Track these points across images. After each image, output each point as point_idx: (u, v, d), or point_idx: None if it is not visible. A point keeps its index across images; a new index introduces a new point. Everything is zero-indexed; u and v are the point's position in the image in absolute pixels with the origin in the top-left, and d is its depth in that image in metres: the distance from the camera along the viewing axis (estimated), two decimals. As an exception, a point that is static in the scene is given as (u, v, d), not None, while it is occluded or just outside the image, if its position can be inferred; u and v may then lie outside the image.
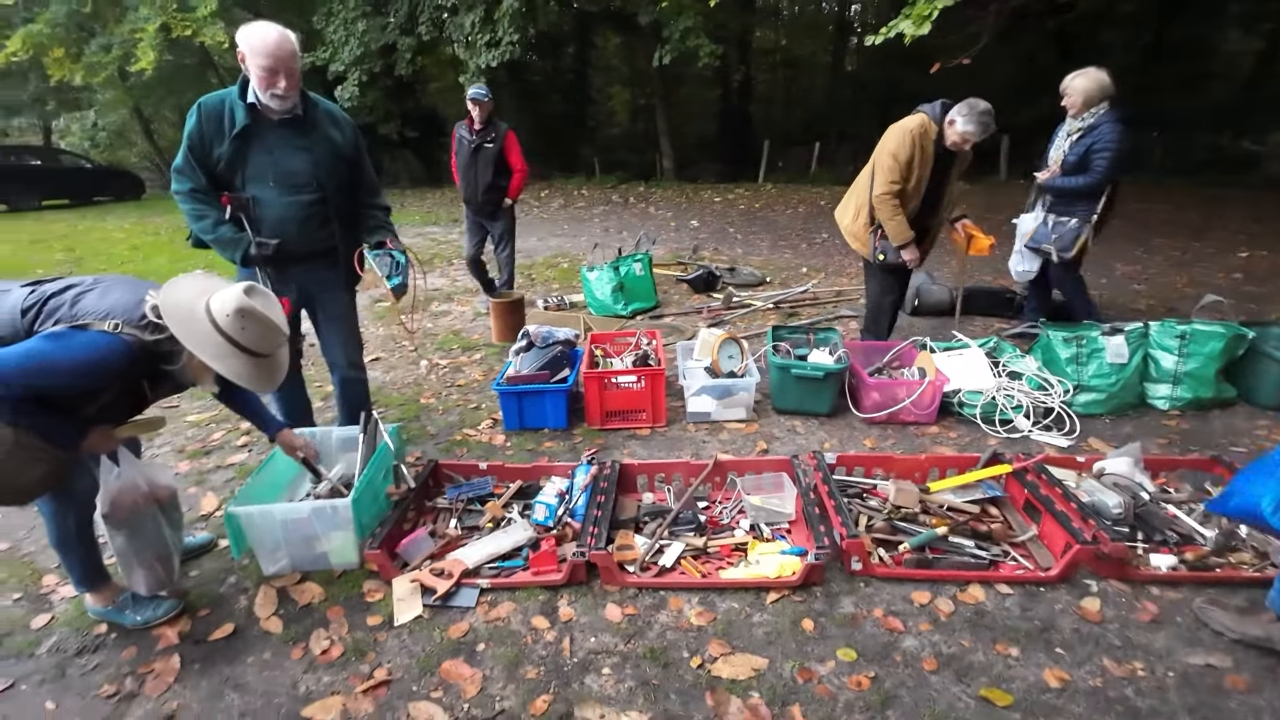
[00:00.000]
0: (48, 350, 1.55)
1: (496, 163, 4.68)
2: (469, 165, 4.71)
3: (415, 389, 3.83)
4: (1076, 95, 3.58)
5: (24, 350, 1.54)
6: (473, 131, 4.67)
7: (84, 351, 1.57)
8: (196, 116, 2.23)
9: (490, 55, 11.92)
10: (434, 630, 1.97)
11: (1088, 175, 3.56)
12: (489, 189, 4.75)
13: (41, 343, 1.55)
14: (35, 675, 1.85)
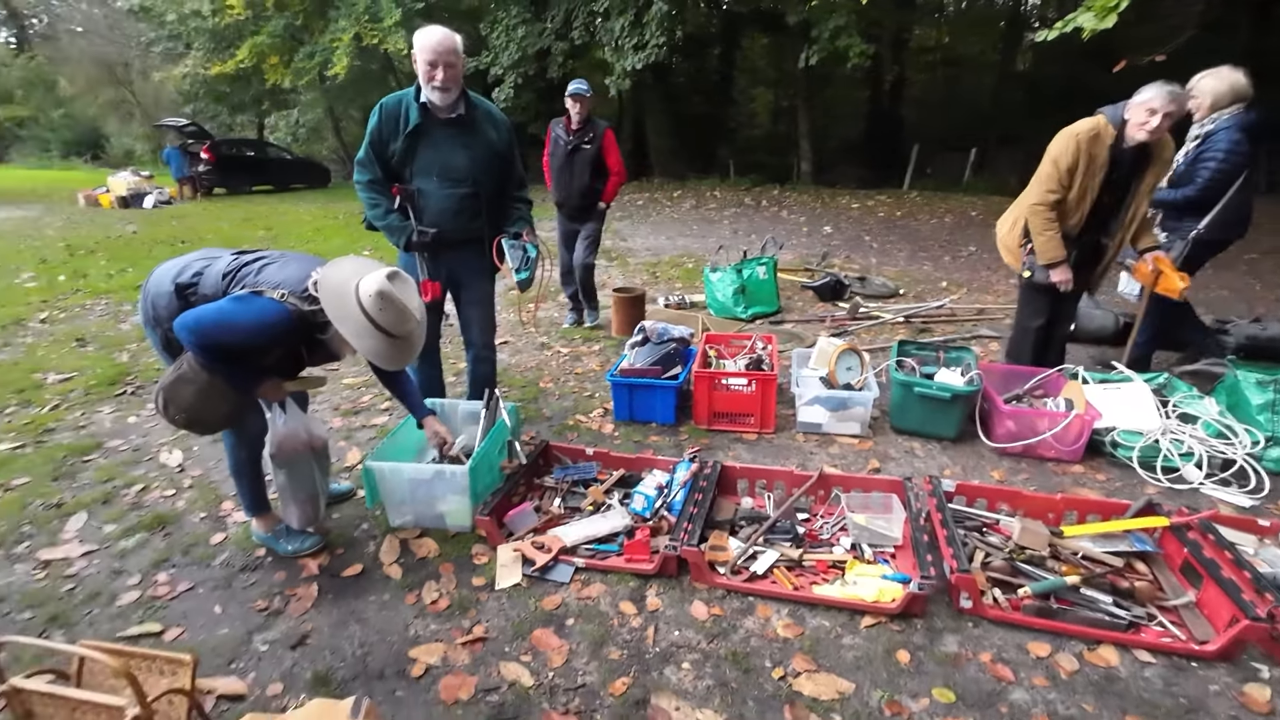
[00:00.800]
0: (231, 310, 1.84)
1: (594, 165, 4.38)
2: (564, 167, 4.43)
3: (536, 373, 4.06)
4: (1204, 97, 3.14)
5: (216, 308, 1.84)
6: (570, 131, 4.37)
7: (257, 314, 1.84)
8: (378, 115, 2.52)
9: (636, 58, 12.24)
10: (530, 599, 2.09)
11: (1188, 187, 3.14)
12: (585, 192, 4.46)
13: (228, 303, 1.85)
14: (209, 582, 2.20)
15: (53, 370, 4.16)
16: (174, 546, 2.38)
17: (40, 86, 31.47)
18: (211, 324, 1.79)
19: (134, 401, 3.70)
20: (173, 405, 1.90)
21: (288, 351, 2.02)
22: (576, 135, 4.35)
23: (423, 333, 2.08)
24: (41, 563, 2.29)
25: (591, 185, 4.45)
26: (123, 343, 4.75)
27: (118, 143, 29.90)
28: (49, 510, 2.61)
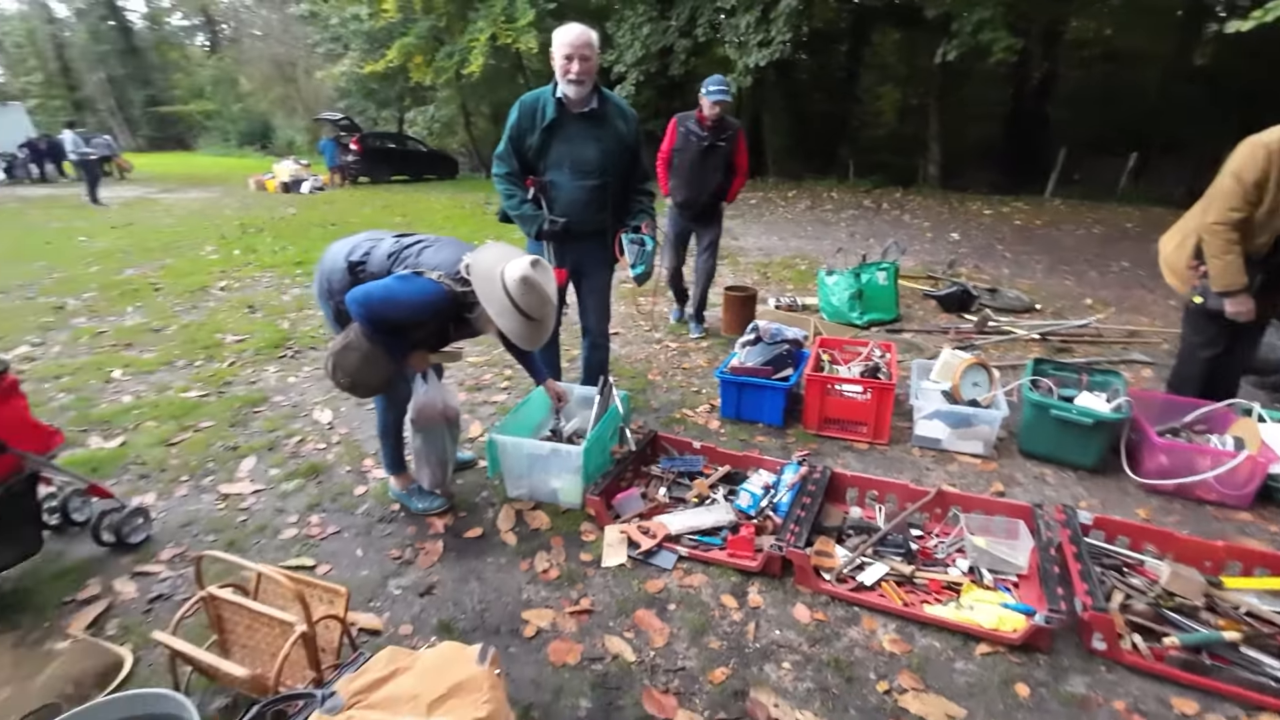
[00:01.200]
0: (396, 288, 2.04)
1: (726, 164, 4.24)
2: (696, 164, 4.18)
3: (645, 365, 4.15)
4: None
5: (383, 285, 2.05)
6: (704, 128, 4.10)
7: (418, 292, 2.03)
8: (518, 111, 2.69)
9: (760, 55, 12.07)
10: (633, 580, 2.16)
11: None
12: (715, 192, 4.30)
13: (395, 281, 2.05)
14: (353, 528, 2.46)
15: (230, 332, 4.78)
16: (325, 493, 2.68)
17: (225, 84, 35.91)
18: (379, 299, 2.00)
19: (293, 364, 4.17)
20: (339, 370, 2.14)
21: (438, 327, 2.21)
22: (712, 133, 4.12)
23: (555, 316, 2.20)
24: (222, 495, 2.66)
25: (723, 184, 4.30)
26: (284, 311, 5.36)
27: (282, 134, 33.48)
28: (227, 451, 3.02)
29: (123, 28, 41.14)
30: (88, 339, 4.63)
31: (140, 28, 42.53)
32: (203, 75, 38.41)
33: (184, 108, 38.52)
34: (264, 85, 32.45)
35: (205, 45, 41.92)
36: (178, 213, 11.87)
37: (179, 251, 7.97)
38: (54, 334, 4.74)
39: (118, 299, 5.73)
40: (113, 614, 2.03)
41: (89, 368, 4.04)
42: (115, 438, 3.13)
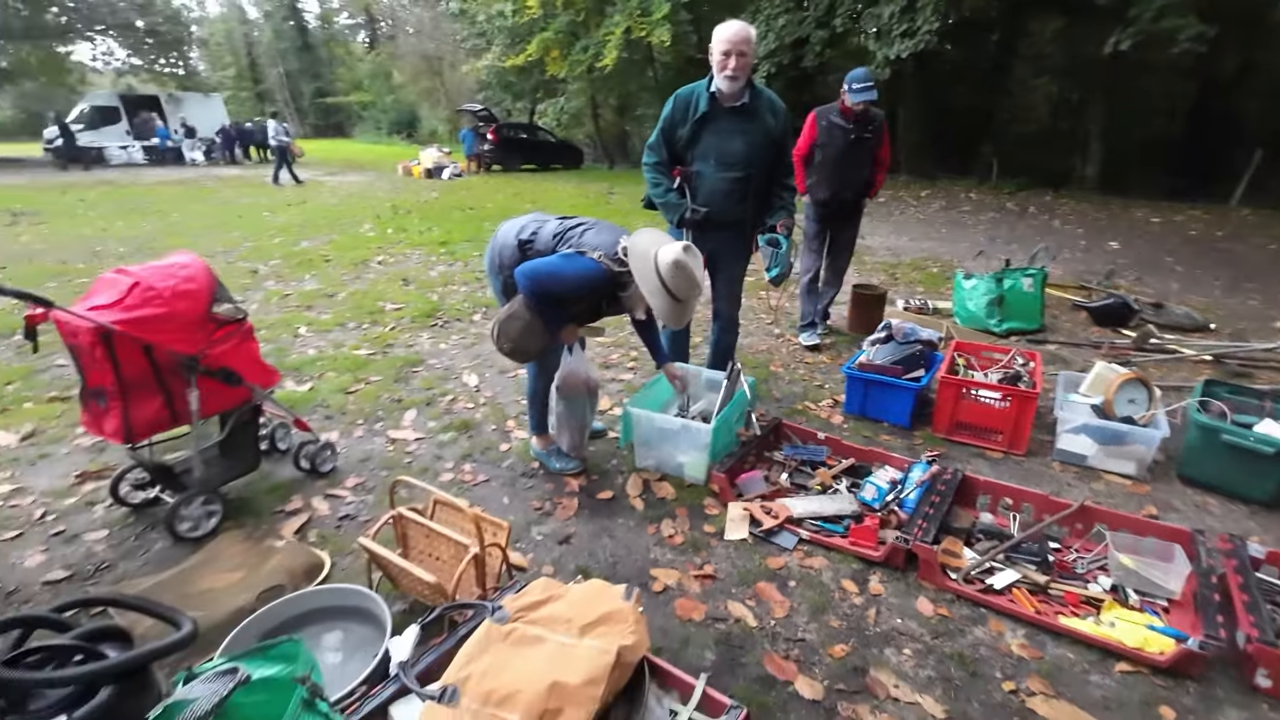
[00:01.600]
0: (562, 265, 2.26)
1: (872, 157, 4.10)
2: (842, 159, 4.00)
3: (767, 356, 4.21)
4: None
5: (549, 262, 2.27)
6: (850, 119, 3.91)
7: (581, 270, 2.24)
8: (672, 104, 2.83)
9: (902, 46, 11.53)
10: (755, 555, 2.27)
11: None
12: (861, 187, 4.17)
13: (560, 259, 2.27)
14: (499, 479, 2.75)
15: (389, 301, 5.35)
16: (475, 446, 2.99)
17: (380, 77, 39.37)
18: (546, 275, 2.23)
19: (442, 332, 4.62)
20: (503, 336, 2.39)
21: (593, 303, 2.42)
22: (857, 125, 3.93)
23: (698, 298, 2.34)
24: (390, 439, 3.05)
25: (867, 180, 4.16)
26: (432, 286, 5.91)
27: (426, 124, 36.23)
28: (393, 403, 3.44)
29: (300, 27, 46.21)
30: (277, 300, 5.38)
31: (314, 26, 47.57)
32: (362, 69, 42.36)
33: (344, 99, 42.68)
34: (413, 78, 35.21)
35: (366, 41, 46.13)
36: (340, 194, 13.27)
37: (342, 228, 8.95)
38: (251, 294, 5.55)
39: (297, 267, 6.56)
40: (312, 525, 2.42)
41: (280, 324, 4.71)
42: (305, 383, 3.65)
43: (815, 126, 4.08)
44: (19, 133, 31.76)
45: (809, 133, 4.10)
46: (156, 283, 2.19)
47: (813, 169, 4.15)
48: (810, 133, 4.10)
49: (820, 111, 4.10)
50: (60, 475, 2.74)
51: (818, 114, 4.09)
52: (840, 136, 3.97)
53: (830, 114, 4.01)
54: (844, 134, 3.96)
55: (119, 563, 2.22)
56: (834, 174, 4.07)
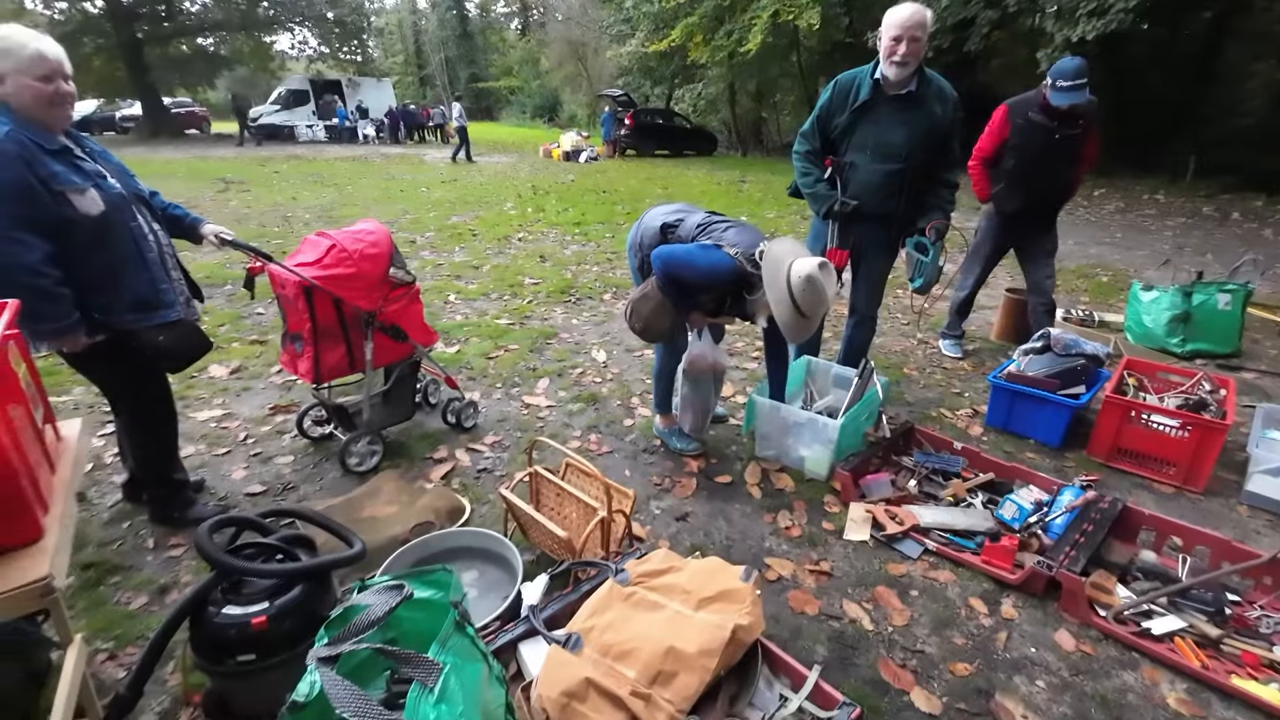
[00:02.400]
0: (697, 254, 2.30)
1: (1078, 154, 3.39)
2: (1042, 162, 3.33)
3: (901, 358, 4.01)
4: None
5: (686, 250, 2.32)
6: (1054, 116, 3.24)
7: (714, 262, 2.27)
8: (831, 90, 2.74)
9: (1089, 26, 10.29)
10: (875, 558, 2.20)
11: None
12: (1064, 191, 3.53)
13: (697, 249, 2.31)
14: (622, 451, 2.86)
15: (527, 275, 5.68)
16: (601, 418, 3.14)
17: (529, 63, 41.29)
18: (681, 261, 2.28)
19: (575, 309, 4.85)
20: (635, 315, 2.48)
21: (719, 297, 2.42)
22: (1063, 121, 3.23)
23: (823, 317, 2.26)
24: (525, 404, 3.27)
25: (1071, 183, 3.53)
26: (566, 264, 6.19)
27: (567, 108, 37.58)
28: (528, 371, 3.67)
29: (461, 15, 49.45)
30: (431, 268, 5.89)
31: (473, 15, 50.76)
32: (512, 56, 44.69)
33: (495, 84, 45.28)
34: (559, 64, 36.56)
35: (518, 29, 48.52)
36: (487, 173, 14.17)
37: (487, 206, 9.57)
38: (410, 260, 6.10)
39: (449, 239, 7.13)
40: (455, 474, 2.67)
41: (433, 290, 5.16)
42: (453, 346, 4.00)
43: (1007, 124, 3.40)
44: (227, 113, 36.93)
45: (998, 131, 3.45)
46: (349, 245, 2.50)
47: (1000, 174, 3.51)
48: (1000, 131, 3.44)
49: (1014, 106, 3.40)
50: (259, 406, 3.21)
51: (1011, 109, 3.41)
52: (1041, 136, 3.29)
53: (1029, 109, 3.32)
54: (1046, 133, 3.28)
55: (301, 485, 2.58)
56: (1031, 181, 3.42)
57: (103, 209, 1.89)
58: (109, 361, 2.02)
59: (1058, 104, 3.17)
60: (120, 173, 2.04)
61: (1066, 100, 3.14)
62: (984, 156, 3.54)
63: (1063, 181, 3.47)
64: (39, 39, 1.79)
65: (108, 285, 1.95)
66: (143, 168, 13.62)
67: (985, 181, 3.60)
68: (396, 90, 34.17)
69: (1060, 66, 3.17)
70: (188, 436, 2.82)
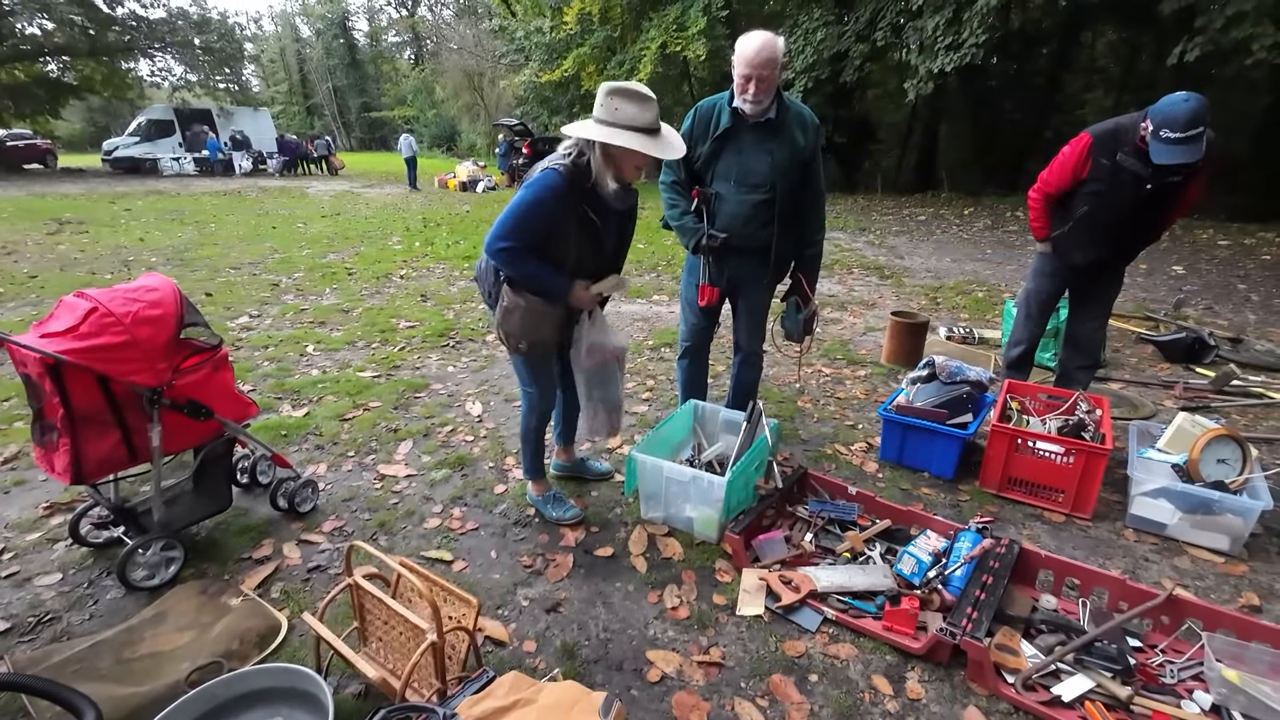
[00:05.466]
0: (516, 198, 2.03)
1: (1175, 202, 2.72)
2: (1126, 215, 2.73)
3: (794, 390, 3.87)
4: None
5: (506, 208, 2.04)
6: (1147, 162, 2.53)
7: (535, 186, 2.01)
8: (691, 119, 2.55)
9: (946, 59, 11.09)
10: (770, 637, 1.94)
11: None
12: (1149, 240, 2.92)
13: (514, 197, 2.05)
14: (490, 527, 2.48)
15: (403, 318, 5.19)
16: (468, 487, 2.74)
17: (424, 93, 40.31)
18: (504, 217, 2.01)
19: (453, 353, 4.42)
20: (510, 336, 2.15)
21: (581, 224, 2.08)
22: (1163, 171, 2.53)
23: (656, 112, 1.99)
24: (380, 475, 2.82)
25: (1153, 236, 2.91)
26: (450, 302, 5.75)
27: (465, 138, 36.86)
28: (389, 433, 3.22)
29: (349, 44, 47.76)
30: (292, 314, 5.27)
31: (362, 44, 49.12)
32: (406, 85, 43.49)
33: (389, 113, 43.83)
34: (455, 93, 35.92)
35: (411, 58, 47.38)
36: (374, 205, 13.39)
37: (370, 241, 8.92)
38: (268, 308, 5.46)
39: (319, 280, 6.49)
40: (278, 577, 2.19)
41: (289, 341, 4.57)
42: (302, 408, 3.47)
43: (1088, 160, 2.73)
44: (85, 144, 33.44)
45: (1075, 167, 2.77)
46: (116, 308, 2.00)
47: (1069, 216, 2.89)
48: (1077, 167, 2.77)
49: (1101, 140, 2.69)
50: (31, 505, 2.58)
51: (1097, 143, 2.70)
52: (1131, 185, 2.64)
53: (1119, 146, 2.63)
54: (1137, 183, 2.62)
55: (65, 614, 2.02)
56: (1110, 234, 2.83)
57: None
58: None
59: (1161, 161, 2.46)
60: None
61: (1174, 158, 2.42)
62: (1049, 192, 2.94)
63: (1149, 233, 2.87)
64: None
65: None
66: (-47, 208, 11.81)
67: (1046, 219, 3.03)
68: (280, 120, 32.27)
69: (1168, 110, 2.42)
70: (-85, 558, 2.18)
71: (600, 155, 2.02)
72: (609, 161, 2.03)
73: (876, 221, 11.73)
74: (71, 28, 21.32)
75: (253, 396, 3.27)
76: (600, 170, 2.04)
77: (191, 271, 6.73)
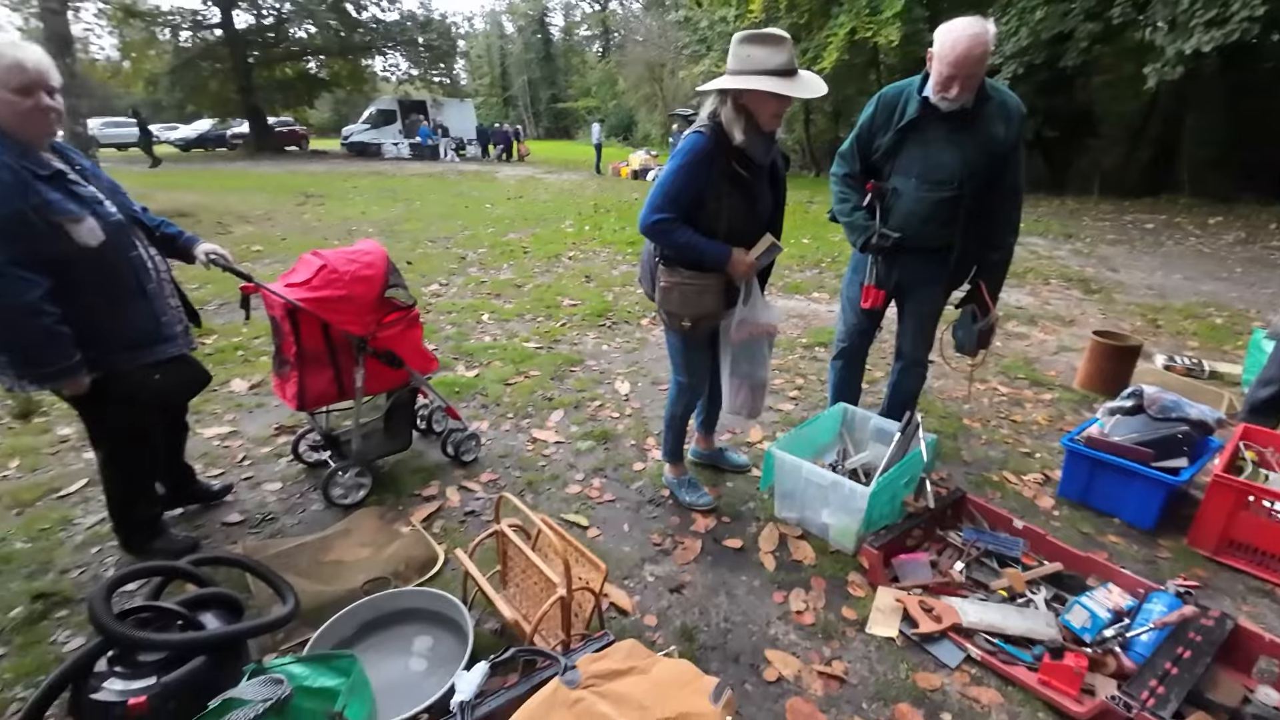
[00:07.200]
0: (665, 169, 2.07)
1: None
2: None
3: (962, 406, 3.53)
4: None
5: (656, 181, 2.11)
6: None
7: (683, 151, 2.03)
8: (874, 106, 2.38)
9: (1205, 37, 9.27)
10: (902, 662, 1.82)
11: None
12: None
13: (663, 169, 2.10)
14: (625, 501, 2.58)
15: (567, 296, 5.52)
16: (610, 460, 2.87)
17: (607, 84, 42.13)
18: (655, 190, 2.06)
19: (609, 333, 4.62)
20: (672, 315, 2.18)
21: (732, 182, 2.04)
22: None
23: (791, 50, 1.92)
24: (532, 439, 3.05)
25: None
26: (611, 285, 5.99)
27: (641, 128, 37.95)
28: (544, 400, 3.46)
29: (545, 39, 51.27)
30: (473, 285, 5.84)
31: (557, 39, 52.50)
32: (591, 76, 45.79)
33: (573, 104, 46.47)
34: (635, 85, 37.03)
35: (599, 51, 49.72)
36: (552, 190, 14.32)
37: (546, 223, 9.57)
38: (455, 278, 6.09)
39: (499, 256, 7.11)
40: (440, 515, 2.46)
41: (469, 309, 5.07)
42: (473, 369, 3.85)
43: None
44: (329, 131, 39.58)
45: None
46: (340, 266, 2.36)
47: None
48: None
49: None
50: (266, 425, 3.15)
51: None
52: None
53: None
54: None
55: (281, 516, 2.45)
56: None
57: (102, 239, 1.80)
58: (97, 401, 1.91)
59: None
60: (113, 192, 1.97)
61: None
62: None
63: None
64: (20, 48, 1.72)
65: (105, 322, 1.86)
66: (239, 179, 14.59)
67: None
68: (480, 111, 35.61)
69: None
70: (188, 454, 2.75)
71: (731, 107, 1.98)
72: (740, 112, 1.99)
73: (1087, 227, 10.21)
74: (328, 31, 25.26)
75: (435, 355, 3.69)
76: (731, 121, 1.99)
77: (398, 242, 7.71)
